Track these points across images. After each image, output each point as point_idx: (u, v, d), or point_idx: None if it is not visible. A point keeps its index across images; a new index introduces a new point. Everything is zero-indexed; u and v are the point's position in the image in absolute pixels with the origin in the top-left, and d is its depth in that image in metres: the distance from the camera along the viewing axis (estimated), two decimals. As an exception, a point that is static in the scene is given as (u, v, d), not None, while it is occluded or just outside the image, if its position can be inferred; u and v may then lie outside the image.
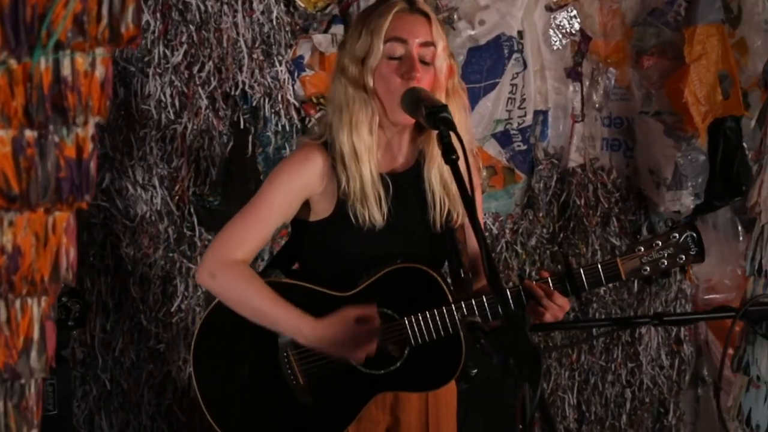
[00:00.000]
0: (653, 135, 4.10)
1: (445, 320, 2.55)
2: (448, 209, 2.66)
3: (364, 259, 2.62)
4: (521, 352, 1.98)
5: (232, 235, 2.65)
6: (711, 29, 3.98)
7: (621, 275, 2.51)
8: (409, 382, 2.64)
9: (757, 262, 3.07)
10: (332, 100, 2.65)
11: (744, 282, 4.30)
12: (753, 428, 3.05)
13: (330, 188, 2.61)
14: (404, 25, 2.57)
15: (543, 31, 4.16)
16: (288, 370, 2.65)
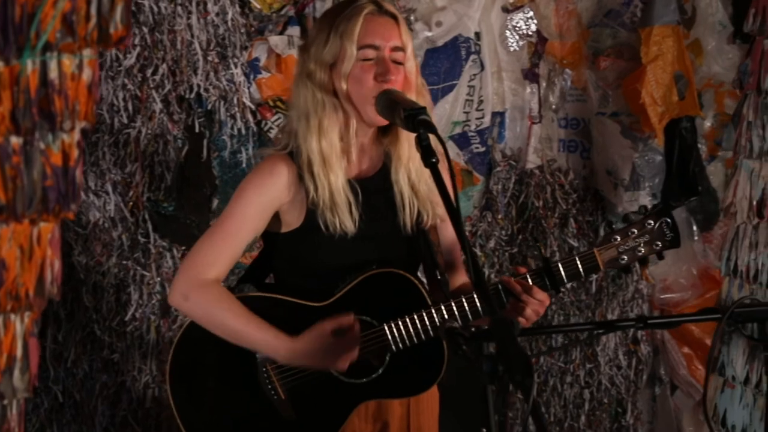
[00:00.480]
0: (610, 136, 4.11)
1: (426, 324, 2.52)
2: (418, 210, 2.63)
3: (338, 268, 2.58)
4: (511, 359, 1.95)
5: (203, 254, 2.59)
6: (666, 30, 4.01)
7: (599, 266, 2.49)
8: (392, 388, 2.60)
9: (733, 262, 3.08)
10: (297, 106, 2.60)
11: (699, 281, 4.35)
12: (729, 428, 3.07)
13: (298, 198, 2.57)
14: (376, 28, 2.54)
15: (500, 32, 4.15)
16: (268, 385, 2.60)
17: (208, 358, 2.62)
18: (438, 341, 2.57)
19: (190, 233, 3.87)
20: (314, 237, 2.55)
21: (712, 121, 4.32)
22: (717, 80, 4.27)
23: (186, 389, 2.63)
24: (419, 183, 2.61)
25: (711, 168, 4.32)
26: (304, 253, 2.59)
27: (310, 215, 2.55)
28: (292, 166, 2.56)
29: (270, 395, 2.59)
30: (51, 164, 1.36)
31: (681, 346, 4.38)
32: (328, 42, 2.54)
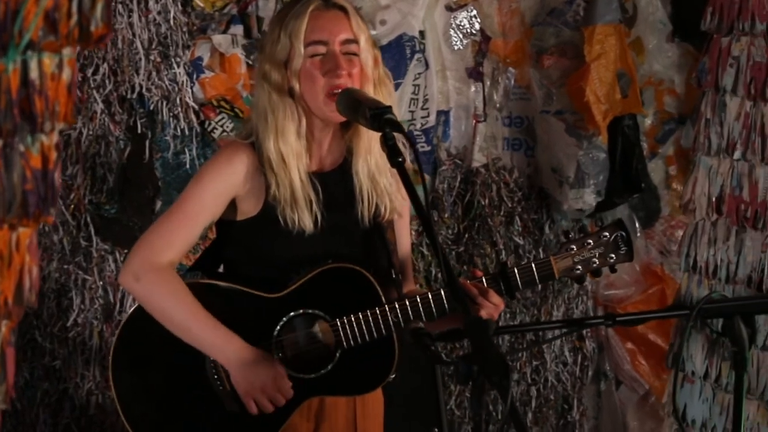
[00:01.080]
0: (555, 134, 4.14)
1: (379, 322, 2.51)
2: (376, 203, 2.62)
3: (294, 260, 2.57)
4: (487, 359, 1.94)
5: (159, 235, 2.56)
6: (609, 29, 4.05)
7: (554, 274, 2.52)
8: (340, 385, 2.58)
9: (692, 258, 3.12)
10: (256, 106, 2.59)
11: (641, 277, 4.41)
12: (689, 423, 3.10)
13: (256, 187, 2.55)
14: (323, 24, 2.52)
15: (444, 31, 4.15)
16: (215, 375, 2.56)
17: (152, 349, 2.59)
18: (389, 340, 2.57)
19: (133, 236, 3.78)
20: (271, 228, 2.54)
21: (652, 119, 4.37)
22: (657, 78, 4.32)
23: (129, 381, 2.59)
24: (379, 176, 2.60)
25: (652, 165, 4.38)
26: (259, 242, 2.57)
27: (270, 208, 2.53)
28: (254, 155, 2.54)
29: (216, 386, 2.56)
30: (31, 167, 1.31)
31: (624, 341, 4.43)
32: (278, 41, 2.53)
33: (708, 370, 3.08)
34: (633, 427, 4.46)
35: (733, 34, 3.02)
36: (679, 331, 3.13)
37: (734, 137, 3.02)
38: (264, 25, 3.91)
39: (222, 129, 3.88)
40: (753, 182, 2.99)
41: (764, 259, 2.97)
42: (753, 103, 2.99)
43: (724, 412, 3.03)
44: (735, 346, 2.63)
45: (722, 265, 3.05)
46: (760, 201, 2.97)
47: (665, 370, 4.37)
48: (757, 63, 2.95)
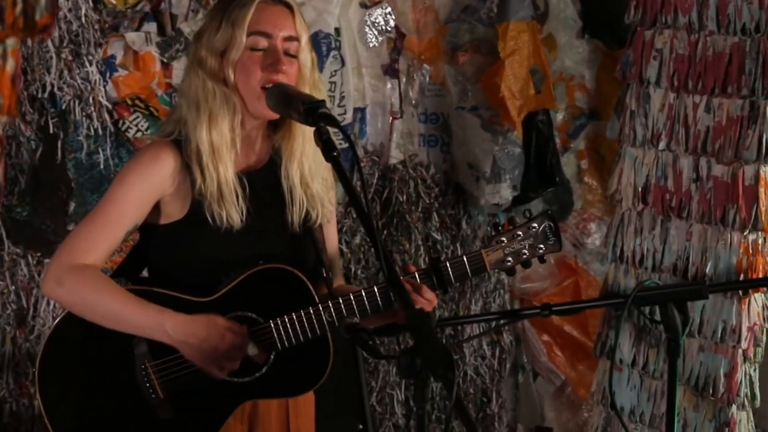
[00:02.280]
0: (471, 130, 4.17)
1: (313, 322, 2.48)
2: (307, 209, 2.59)
3: (222, 263, 2.51)
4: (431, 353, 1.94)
5: (80, 240, 2.48)
6: (522, 25, 4.10)
7: (486, 267, 2.52)
8: (275, 388, 2.55)
9: (619, 248, 3.17)
10: (187, 94, 2.51)
11: (556, 270, 4.48)
12: (618, 411, 3.15)
13: (183, 188, 2.49)
14: (268, 17, 2.49)
15: (359, 28, 4.15)
16: (146, 383, 2.49)
17: (81, 357, 2.51)
18: (324, 341, 2.54)
19: (46, 239, 3.70)
20: (199, 229, 2.48)
21: (563, 114, 4.44)
22: (568, 74, 4.39)
23: (57, 391, 2.51)
24: (312, 181, 2.58)
25: (564, 160, 4.44)
26: (186, 245, 2.51)
27: (196, 206, 2.47)
28: (178, 155, 2.48)
29: (148, 394, 2.49)
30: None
31: (541, 334, 4.49)
32: (219, 29, 2.48)
33: (636, 358, 3.14)
34: (550, 418, 4.53)
35: (656, 27, 3.08)
36: (607, 320, 3.19)
37: (659, 128, 3.08)
38: (178, 22, 3.85)
39: (137, 128, 3.81)
40: (677, 172, 3.06)
41: (689, 247, 3.04)
42: (676, 94, 3.06)
43: (651, 398, 3.10)
44: (669, 333, 2.69)
45: (648, 254, 3.11)
46: (684, 190, 3.04)
47: (581, 361, 4.46)
48: (680, 55, 3.01)
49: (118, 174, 2.54)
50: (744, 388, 2.95)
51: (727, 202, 2.95)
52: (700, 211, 3.02)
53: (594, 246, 4.47)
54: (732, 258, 2.95)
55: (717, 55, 2.95)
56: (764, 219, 2.90)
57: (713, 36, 2.97)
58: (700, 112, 2.98)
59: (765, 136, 2.89)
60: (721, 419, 2.95)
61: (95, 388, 2.51)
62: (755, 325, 2.96)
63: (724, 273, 2.95)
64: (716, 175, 2.97)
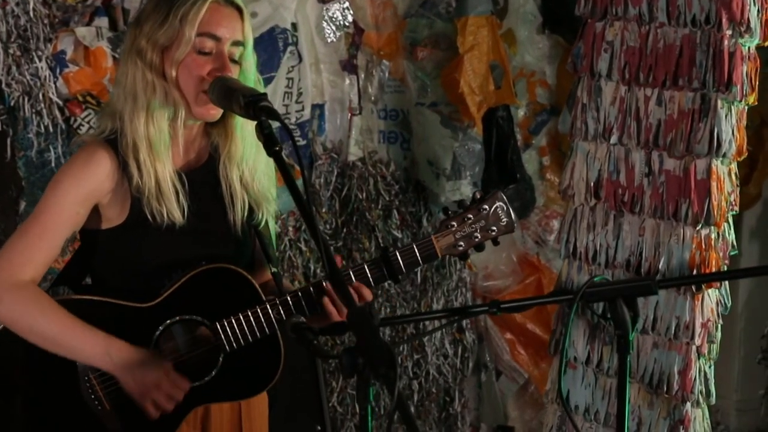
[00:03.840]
0: (430, 126, 4.13)
1: (261, 320, 2.42)
2: (250, 208, 2.53)
3: (164, 265, 2.44)
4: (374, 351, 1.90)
5: (17, 253, 2.39)
6: (481, 20, 4.06)
7: (437, 253, 2.45)
8: (227, 391, 2.49)
9: (572, 244, 3.13)
10: (123, 84, 2.42)
11: (518, 267, 4.44)
12: (572, 409, 3.12)
13: (121, 190, 2.41)
14: (219, 19, 2.41)
15: (316, 23, 4.10)
16: (91, 395, 2.42)
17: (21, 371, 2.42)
18: (274, 340, 2.48)
19: (-5, 239, 3.64)
20: (139, 231, 2.40)
21: (525, 111, 4.41)
22: (528, 70, 4.37)
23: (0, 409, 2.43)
24: (252, 181, 2.51)
25: (525, 156, 4.41)
26: (128, 250, 2.43)
27: (135, 206, 2.39)
28: (113, 155, 2.39)
29: (94, 406, 2.42)
30: None
31: (503, 332, 4.46)
32: (165, 23, 2.38)
33: (590, 356, 3.10)
34: (514, 417, 4.50)
35: (606, 19, 3.05)
36: (560, 317, 3.15)
37: (610, 122, 3.04)
38: (130, 17, 3.79)
39: (89, 125, 3.74)
40: (629, 166, 3.02)
41: (642, 242, 3.01)
42: (628, 87, 3.02)
43: (606, 396, 3.06)
44: (618, 329, 2.65)
45: (601, 250, 3.07)
46: (636, 185, 3.00)
47: (543, 359, 4.43)
48: (630, 47, 2.98)
49: (51, 180, 2.43)
50: (698, 385, 2.92)
51: (680, 196, 2.92)
52: (652, 206, 2.99)
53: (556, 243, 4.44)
54: (685, 253, 2.91)
55: (668, 47, 2.91)
56: (716, 213, 2.88)
57: (664, 28, 2.94)
58: (651, 105, 2.94)
59: (716, 130, 2.86)
60: (676, 417, 2.92)
61: (39, 403, 2.43)
62: (708, 321, 2.93)
63: (677, 268, 2.92)
64: (668, 169, 2.94)
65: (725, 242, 2.94)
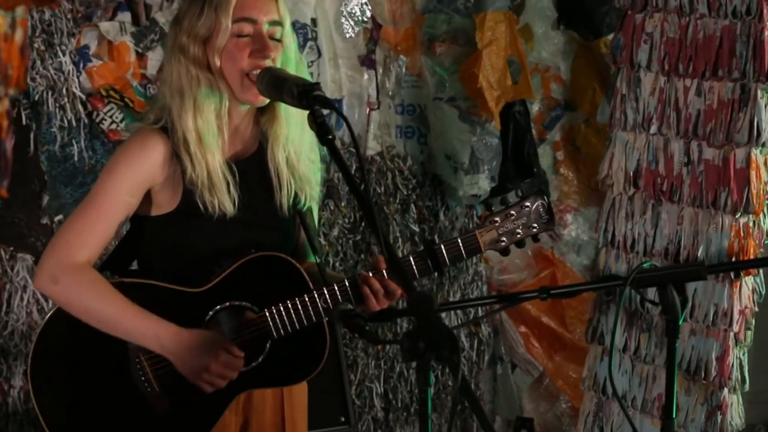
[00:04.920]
0: (448, 120, 4.16)
1: (308, 309, 2.45)
2: (295, 192, 2.56)
3: (214, 252, 2.48)
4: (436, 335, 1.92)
5: (73, 234, 2.43)
6: (499, 16, 4.09)
7: (480, 248, 2.50)
8: (272, 377, 2.52)
9: (610, 233, 3.16)
10: (169, 82, 2.47)
11: (533, 261, 4.48)
12: (609, 396, 3.15)
13: (173, 177, 2.45)
14: (253, 3, 2.46)
15: (335, 18, 4.12)
16: (141, 377, 2.46)
17: (74, 352, 2.47)
18: (320, 328, 2.51)
19: (19, 232, 3.64)
20: (192, 219, 2.44)
21: (539, 106, 4.44)
22: (543, 65, 4.39)
23: (50, 387, 2.46)
24: (298, 163, 2.55)
25: (540, 151, 4.44)
26: (178, 236, 2.47)
27: (188, 195, 2.43)
28: (167, 142, 2.44)
29: (143, 387, 2.46)
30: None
31: (518, 325, 4.49)
32: (201, 15, 2.44)
33: (627, 343, 3.13)
34: (528, 409, 4.53)
35: (647, 11, 3.08)
36: (597, 305, 3.18)
37: (650, 112, 3.08)
38: (152, 12, 3.80)
39: (111, 120, 3.75)
40: (668, 156, 3.06)
41: (680, 231, 3.04)
42: (667, 78, 3.05)
43: (643, 383, 3.09)
44: (668, 315, 2.68)
45: (640, 239, 3.11)
46: (675, 174, 3.04)
47: (558, 352, 4.46)
48: (670, 39, 3.01)
49: (106, 164, 2.49)
50: (735, 371, 2.96)
51: (719, 185, 2.96)
52: (691, 195, 3.03)
53: (570, 237, 4.48)
54: (723, 241, 2.95)
55: (708, 38, 2.95)
56: (755, 202, 2.91)
57: (704, 19, 2.97)
58: (691, 96, 2.98)
59: (756, 119, 2.90)
60: (713, 402, 2.96)
61: (89, 383, 2.47)
62: (746, 309, 2.97)
63: (716, 256, 2.96)
64: (707, 158, 2.98)
65: (760, 230, 2.98)
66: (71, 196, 3.71)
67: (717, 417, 2.94)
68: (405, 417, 4.36)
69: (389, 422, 4.33)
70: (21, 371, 3.64)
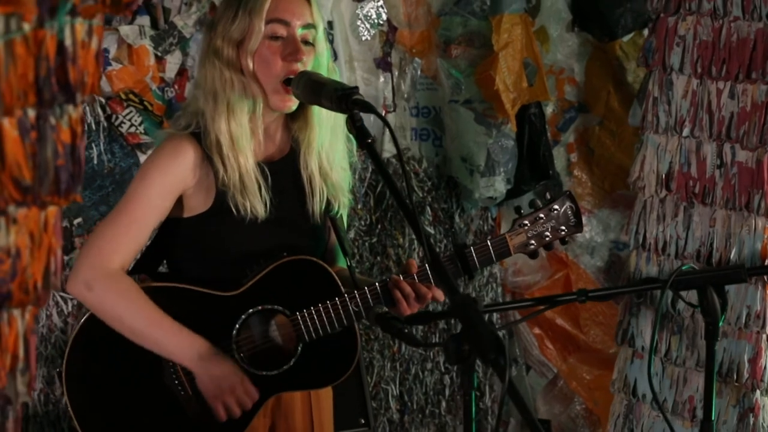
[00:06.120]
0: (464, 123, 4.16)
1: (339, 312, 2.47)
2: (328, 199, 2.58)
3: (246, 255, 2.50)
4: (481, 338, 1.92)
5: (107, 240, 2.44)
6: (515, 18, 4.10)
7: (510, 251, 2.53)
8: (303, 379, 2.54)
9: (641, 235, 3.17)
10: (203, 86, 2.49)
11: (547, 263, 4.48)
12: (639, 398, 3.15)
13: (206, 180, 2.47)
14: (286, 5, 2.47)
15: (351, 21, 4.12)
16: (174, 380, 2.47)
17: (108, 354, 2.48)
18: (350, 332, 2.53)
19: (38, 236, 3.62)
20: (223, 222, 2.46)
21: (553, 108, 4.45)
22: (558, 67, 4.41)
23: (84, 390, 2.48)
24: (331, 171, 2.57)
25: (554, 152, 4.45)
26: (210, 238, 2.49)
27: (220, 197, 2.45)
28: (198, 147, 2.45)
29: (176, 390, 2.47)
30: (62, 141, 1.24)
31: (532, 327, 4.50)
32: (236, 18, 2.46)
33: (658, 345, 3.14)
34: (543, 411, 4.54)
35: (679, 13, 3.09)
36: (628, 307, 3.19)
37: (682, 115, 3.09)
38: (171, 15, 3.80)
39: (130, 123, 3.75)
40: (701, 159, 3.07)
41: (713, 233, 3.05)
42: (700, 81, 3.07)
43: (674, 385, 3.10)
44: (707, 317, 2.70)
45: (671, 241, 3.11)
46: (708, 177, 3.05)
47: (571, 354, 4.48)
48: (703, 41, 3.02)
49: (139, 171, 2.51)
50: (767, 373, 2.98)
51: (752, 187, 2.97)
52: (724, 197, 3.04)
53: (584, 239, 4.49)
54: (757, 243, 2.96)
55: (741, 41, 2.96)
56: (788, 204, 2.93)
57: (738, 22, 2.98)
58: (723, 98, 2.99)
59: (790, 122, 2.91)
60: (745, 405, 2.97)
61: (122, 386, 2.49)
62: (779, 311, 2.98)
63: (749, 258, 2.97)
64: (740, 161, 2.99)
65: (791, 233, 2.99)
66: (90, 199, 3.71)
67: (749, 419, 2.95)
68: (420, 419, 4.37)
69: (404, 424, 4.34)
70: (41, 374, 3.63)
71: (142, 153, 3.74)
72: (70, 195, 1.28)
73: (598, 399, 4.38)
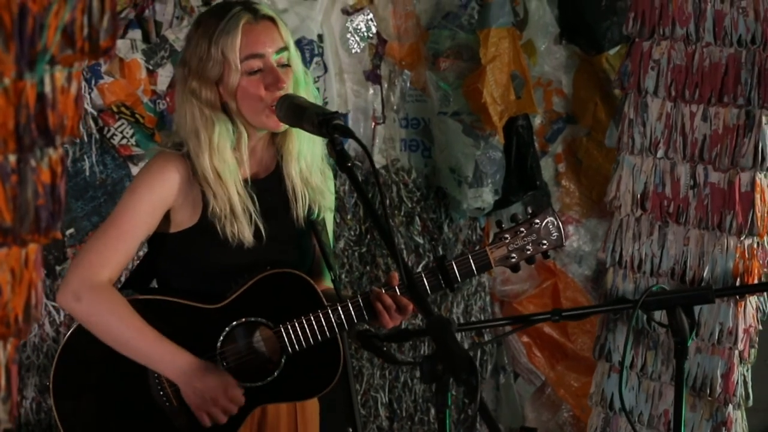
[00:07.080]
0: (453, 135, 4.22)
1: (322, 324, 2.52)
2: (309, 204, 2.63)
3: (231, 269, 2.56)
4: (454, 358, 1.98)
5: (96, 253, 2.51)
6: (503, 32, 4.15)
7: (491, 264, 2.56)
8: (287, 391, 2.59)
9: (618, 253, 3.23)
10: (183, 124, 2.53)
11: (535, 272, 4.54)
12: (616, 411, 3.22)
13: (192, 197, 2.53)
14: (257, 37, 2.50)
15: (341, 34, 4.18)
16: (160, 391, 2.53)
17: (94, 367, 2.54)
18: (334, 343, 2.57)
19: (32, 247, 3.67)
20: (209, 239, 2.51)
21: (541, 119, 4.50)
22: (545, 79, 4.46)
23: (71, 402, 2.54)
24: (310, 176, 2.62)
25: (542, 163, 4.50)
26: (196, 253, 2.55)
27: (208, 218, 2.50)
28: (186, 164, 2.51)
29: (162, 402, 2.52)
30: (41, 182, 1.30)
31: (520, 335, 4.55)
32: (209, 57, 2.48)
33: (634, 360, 3.21)
34: (531, 418, 4.59)
35: (654, 39, 3.15)
36: (605, 324, 3.25)
37: (657, 137, 3.15)
38: (162, 29, 3.85)
39: (122, 135, 3.81)
40: (675, 179, 3.13)
41: (687, 252, 3.12)
42: (674, 103, 3.12)
43: (650, 399, 3.17)
44: (676, 337, 2.76)
45: (647, 259, 3.18)
46: (682, 197, 3.11)
47: (559, 362, 4.53)
48: (677, 66, 3.08)
49: (129, 186, 2.59)
50: (740, 388, 3.04)
51: (724, 208, 3.03)
52: (697, 217, 3.10)
53: (572, 248, 4.54)
54: (729, 262, 3.02)
55: (713, 65, 3.02)
56: (759, 224, 2.99)
57: (710, 47, 3.05)
58: (697, 121, 3.05)
59: (760, 144, 2.97)
60: (718, 419, 3.03)
61: (109, 398, 2.54)
62: (750, 327, 3.04)
63: (722, 277, 3.03)
64: (713, 181, 3.05)
65: (764, 251, 3.05)
66: (82, 210, 3.77)
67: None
68: (409, 426, 4.43)
69: (394, 431, 4.39)
70: (33, 383, 3.69)
71: (134, 165, 3.80)
72: (50, 233, 1.33)
73: (586, 406, 4.43)
